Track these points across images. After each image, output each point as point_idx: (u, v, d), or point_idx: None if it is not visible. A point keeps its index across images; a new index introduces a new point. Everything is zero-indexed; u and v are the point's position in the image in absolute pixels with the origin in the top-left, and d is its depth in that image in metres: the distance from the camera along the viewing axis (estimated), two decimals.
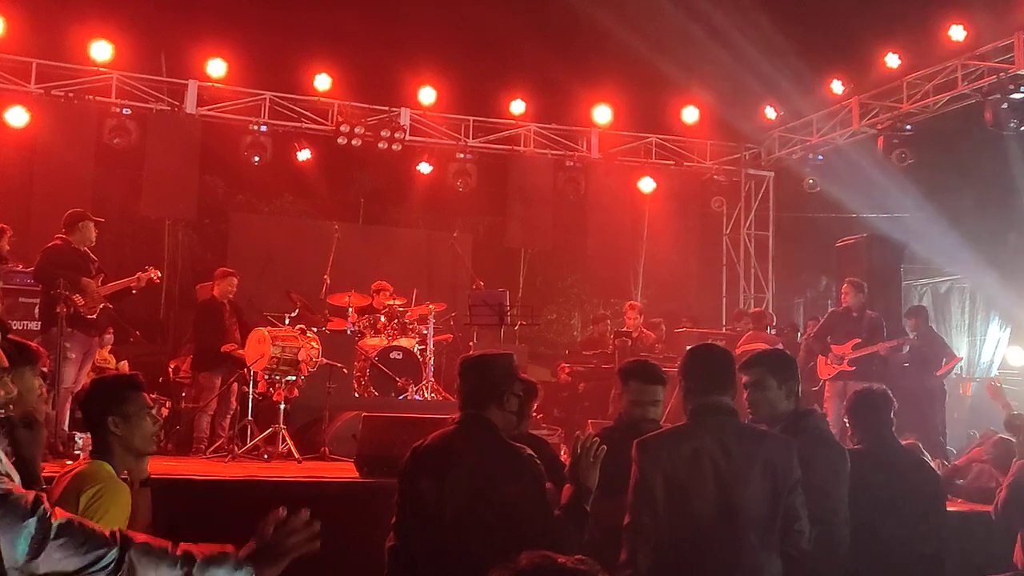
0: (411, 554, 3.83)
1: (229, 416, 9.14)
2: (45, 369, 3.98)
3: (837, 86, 13.33)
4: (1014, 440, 6.81)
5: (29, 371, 3.55)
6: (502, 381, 3.89)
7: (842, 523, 4.17)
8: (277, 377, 8.79)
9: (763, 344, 11.37)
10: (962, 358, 15.49)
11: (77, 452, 7.16)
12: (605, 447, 3.70)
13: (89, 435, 3.70)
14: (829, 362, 9.92)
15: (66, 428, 7.64)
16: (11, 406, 2.67)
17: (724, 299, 15.47)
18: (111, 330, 10.88)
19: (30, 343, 3.79)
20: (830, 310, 10.92)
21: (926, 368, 10.77)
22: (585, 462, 3.68)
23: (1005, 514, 5.90)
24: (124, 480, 3.55)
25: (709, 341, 11.69)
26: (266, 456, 8.31)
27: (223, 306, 9.60)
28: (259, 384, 8.95)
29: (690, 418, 3.89)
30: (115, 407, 3.60)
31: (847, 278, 10.40)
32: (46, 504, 2.22)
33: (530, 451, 3.80)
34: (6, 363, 2.63)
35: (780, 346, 11.36)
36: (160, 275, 9.18)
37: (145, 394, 3.76)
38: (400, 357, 10.56)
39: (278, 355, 8.72)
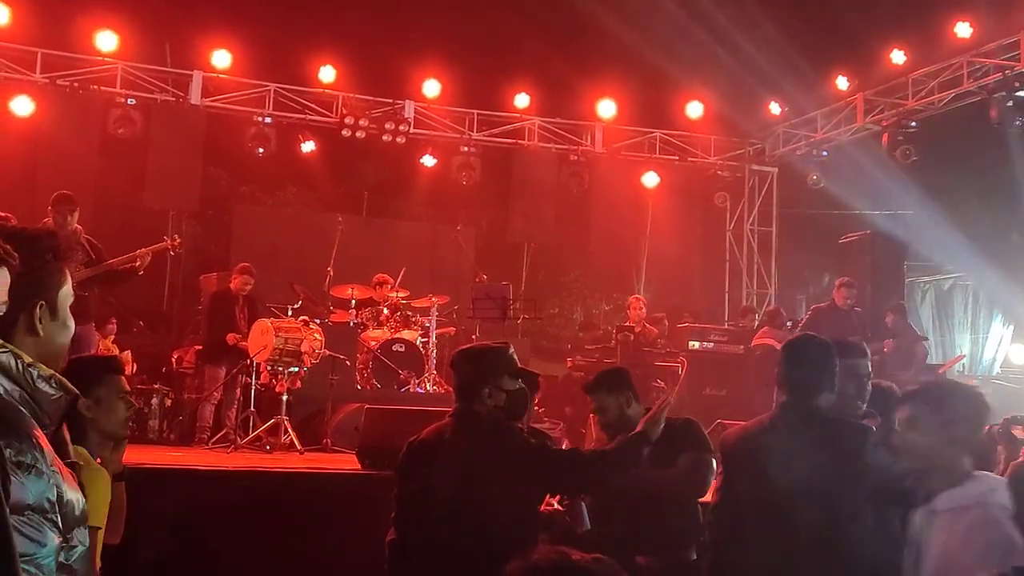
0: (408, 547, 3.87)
1: (234, 407, 9.15)
2: None
3: (842, 82, 13.30)
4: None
5: None
6: (489, 374, 3.91)
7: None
8: (280, 368, 8.80)
9: (772, 340, 11.38)
10: (965, 355, 15.52)
11: None
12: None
13: None
14: None
15: None
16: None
17: (727, 295, 15.47)
18: (114, 320, 10.90)
19: None
20: (813, 307, 10.87)
21: (902, 364, 10.71)
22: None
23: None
24: None
25: (712, 336, 11.89)
26: (268, 447, 8.33)
27: (236, 300, 9.62)
28: (262, 375, 8.97)
29: None
30: (88, 389, 3.47)
31: (841, 278, 10.37)
32: None
33: (520, 427, 3.86)
34: None
35: None
36: (178, 241, 9.01)
37: (122, 378, 3.69)
38: (403, 350, 10.56)
39: (281, 346, 8.73)
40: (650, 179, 14.67)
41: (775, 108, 14.41)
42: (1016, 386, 13.80)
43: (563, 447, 6.47)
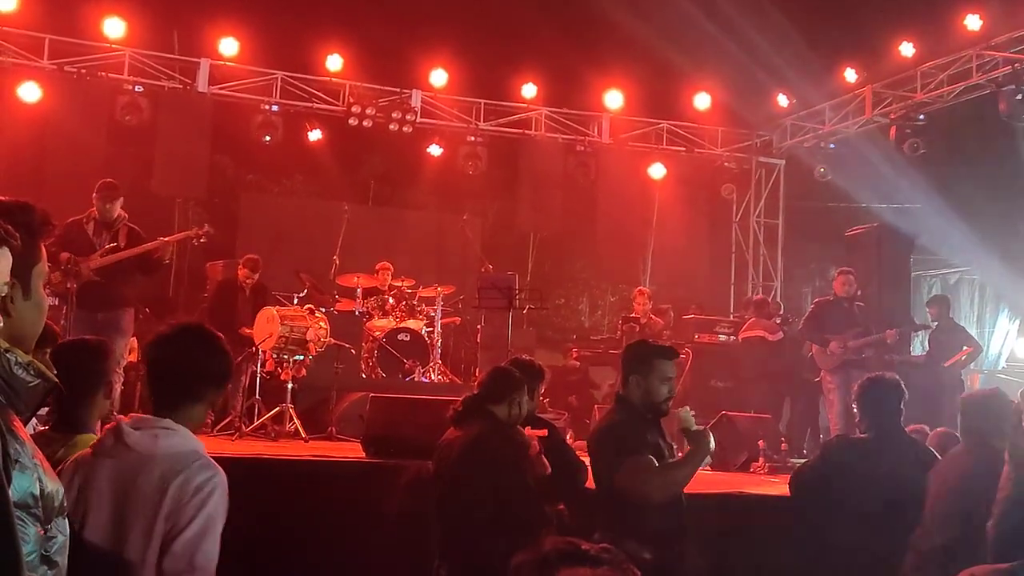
0: None
1: (240, 394, 9.15)
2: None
3: (850, 75, 13.25)
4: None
5: None
6: None
7: None
8: (285, 356, 8.81)
9: (762, 331, 11.37)
10: (974, 347, 15.50)
11: None
12: None
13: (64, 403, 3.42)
14: (829, 352, 9.78)
15: None
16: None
17: (733, 287, 15.45)
18: None
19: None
20: (817, 299, 10.85)
21: (944, 357, 10.74)
22: None
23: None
24: None
25: (717, 328, 11.89)
26: (273, 435, 8.35)
27: (242, 289, 9.63)
28: (267, 363, 8.98)
29: None
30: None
31: (840, 267, 10.36)
32: None
33: None
34: None
35: (780, 335, 11.36)
36: (206, 229, 8.82)
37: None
38: (408, 339, 10.59)
39: (286, 334, 8.74)
40: (657, 170, 14.66)
41: (783, 100, 14.36)
42: (1022, 380, 13.78)
43: (567, 437, 6.48)
